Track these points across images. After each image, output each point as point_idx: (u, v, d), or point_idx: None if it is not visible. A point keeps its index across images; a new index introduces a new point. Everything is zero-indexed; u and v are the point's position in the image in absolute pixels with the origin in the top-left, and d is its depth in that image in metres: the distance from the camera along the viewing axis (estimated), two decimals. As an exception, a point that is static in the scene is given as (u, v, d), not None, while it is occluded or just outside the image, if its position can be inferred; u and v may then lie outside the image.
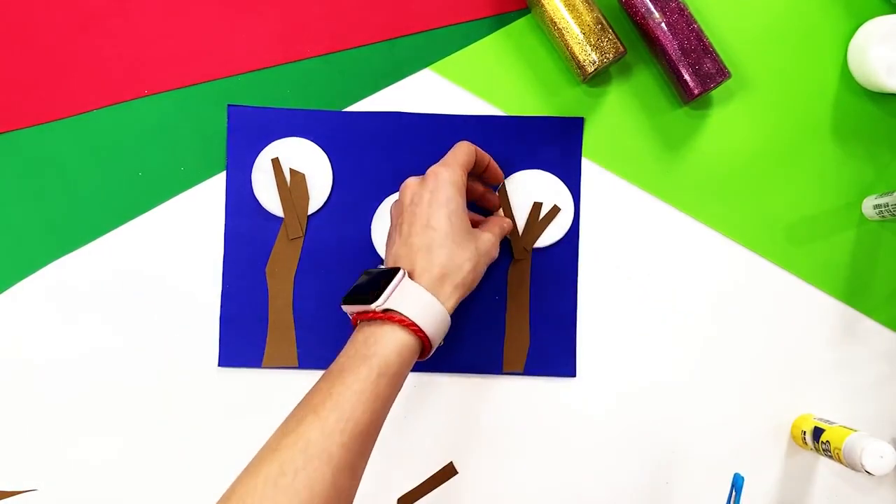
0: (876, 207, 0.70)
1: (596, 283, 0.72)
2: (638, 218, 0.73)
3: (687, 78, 0.68)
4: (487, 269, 0.71)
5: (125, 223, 0.72)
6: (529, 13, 0.72)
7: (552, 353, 0.72)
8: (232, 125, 0.72)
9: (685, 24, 0.68)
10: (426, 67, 0.72)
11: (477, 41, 0.73)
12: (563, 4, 0.68)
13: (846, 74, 0.72)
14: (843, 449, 0.65)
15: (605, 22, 0.68)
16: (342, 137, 0.72)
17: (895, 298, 0.72)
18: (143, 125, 0.72)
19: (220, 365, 0.71)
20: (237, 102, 0.72)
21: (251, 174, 0.71)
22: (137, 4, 0.72)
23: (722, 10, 0.72)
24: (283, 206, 0.71)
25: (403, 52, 0.72)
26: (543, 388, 0.72)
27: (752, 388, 0.72)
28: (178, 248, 0.72)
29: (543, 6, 0.68)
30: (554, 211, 0.72)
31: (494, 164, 0.68)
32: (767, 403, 0.72)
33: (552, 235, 0.72)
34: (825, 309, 0.73)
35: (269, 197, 0.71)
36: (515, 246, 0.72)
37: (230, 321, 0.71)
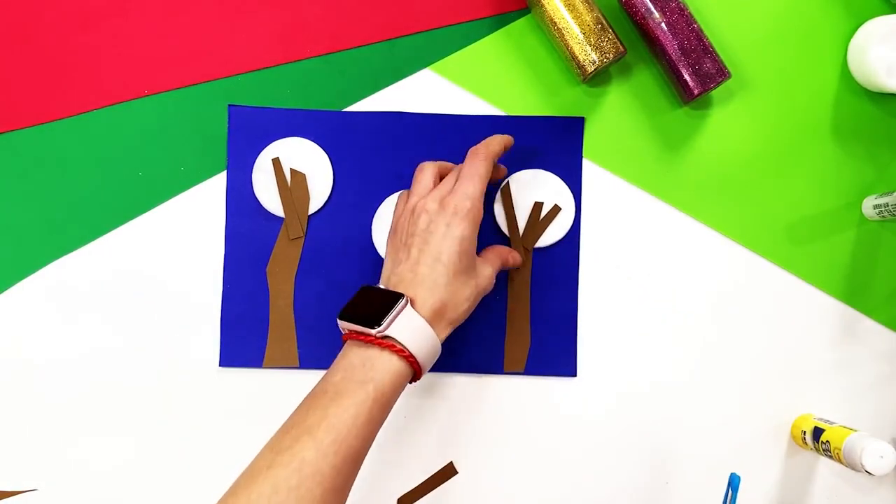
0: (876, 207, 0.70)
1: (596, 282, 0.72)
2: (638, 218, 0.73)
3: (687, 78, 0.69)
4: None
5: (125, 223, 0.72)
6: (529, 13, 0.72)
7: (553, 352, 0.72)
8: (232, 125, 0.72)
9: (685, 24, 0.68)
10: (426, 67, 0.72)
11: (477, 41, 0.73)
12: (563, 4, 0.68)
13: (846, 74, 0.73)
14: (843, 449, 0.65)
15: (605, 22, 0.68)
16: (342, 137, 0.72)
17: (895, 298, 0.72)
18: (143, 125, 0.72)
19: (220, 365, 0.71)
20: (237, 102, 0.72)
21: (252, 174, 0.71)
22: (137, 4, 0.72)
23: (722, 10, 0.72)
24: (283, 206, 0.71)
25: (403, 52, 0.72)
26: (544, 387, 0.72)
27: (752, 388, 0.72)
28: (178, 248, 0.72)
29: (543, 6, 0.68)
30: (554, 211, 0.72)
31: (499, 167, 0.70)
32: (767, 403, 0.72)
33: (553, 235, 0.72)
34: (825, 309, 0.73)
35: (269, 197, 0.71)
36: (516, 246, 0.72)
37: (231, 321, 0.71)
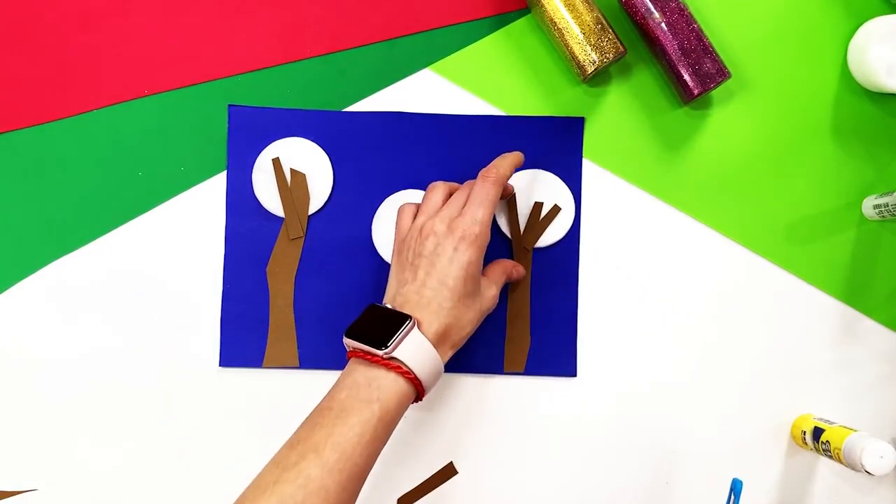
0: (876, 207, 0.70)
1: (596, 282, 0.72)
2: (638, 218, 0.73)
3: (687, 78, 0.69)
4: (488, 269, 0.72)
5: (125, 223, 0.72)
6: (529, 13, 0.72)
7: (553, 352, 0.72)
8: (232, 125, 0.72)
9: (685, 24, 0.68)
10: (426, 67, 0.72)
11: (477, 41, 0.73)
12: (563, 4, 0.68)
13: (846, 74, 0.72)
14: (843, 449, 0.65)
15: (605, 22, 0.68)
16: (342, 137, 0.72)
17: (895, 298, 0.72)
18: (143, 125, 0.72)
19: (220, 365, 0.71)
20: (237, 102, 0.72)
21: (252, 174, 0.71)
22: (137, 4, 0.72)
23: (722, 10, 0.72)
24: (283, 206, 0.71)
25: (403, 52, 0.72)
26: (544, 388, 0.72)
27: (752, 388, 0.72)
28: (178, 248, 0.72)
29: (543, 6, 0.68)
30: (554, 211, 0.72)
31: (506, 186, 0.69)
32: (767, 403, 0.72)
33: (553, 235, 0.72)
34: (825, 309, 0.73)
35: (269, 197, 0.71)
36: (516, 246, 0.72)
37: (231, 321, 0.71)
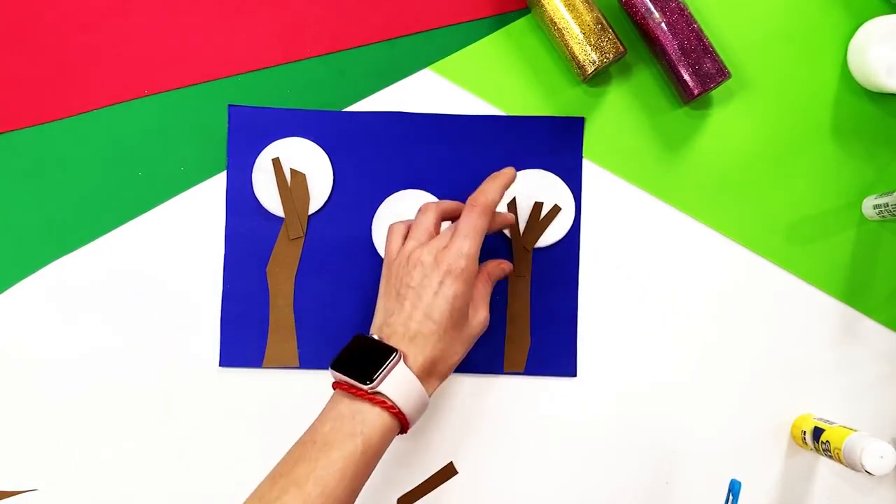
0: (876, 207, 0.70)
1: (596, 282, 0.72)
2: (638, 218, 0.73)
3: (687, 78, 0.69)
4: (488, 269, 0.72)
5: (125, 223, 0.72)
6: (529, 13, 0.72)
7: (553, 352, 0.72)
8: (232, 125, 0.72)
9: (685, 24, 0.68)
10: (426, 67, 0.72)
11: (477, 41, 0.73)
12: (563, 4, 0.68)
13: (846, 74, 0.72)
14: (843, 449, 0.65)
15: (605, 22, 0.68)
16: (342, 137, 0.72)
17: (895, 298, 0.72)
18: (143, 125, 0.72)
19: (220, 365, 0.71)
20: (237, 102, 0.72)
21: (252, 174, 0.71)
22: (137, 4, 0.72)
23: (722, 10, 0.72)
24: (283, 206, 0.71)
25: (403, 52, 0.72)
26: (544, 388, 0.72)
27: (752, 388, 0.72)
28: (178, 248, 0.72)
29: (543, 6, 0.68)
30: (554, 211, 0.72)
31: (504, 216, 0.67)
32: (767, 403, 0.72)
33: (553, 235, 0.72)
34: (825, 309, 0.73)
35: (269, 197, 0.71)
36: (516, 246, 0.72)
37: (231, 321, 0.71)
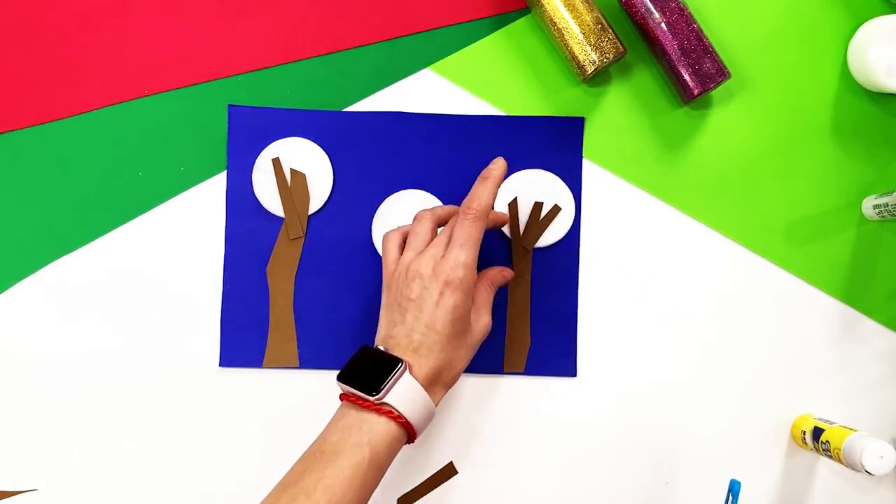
0: (876, 207, 0.70)
1: (596, 283, 0.72)
2: (638, 218, 0.73)
3: (687, 78, 0.69)
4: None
5: (125, 223, 0.72)
6: (529, 13, 0.72)
7: (553, 353, 0.72)
8: (232, 125, 0.72)
9: (685, 24, 0.68)
10: (426, 67, 0.72)
11: (477, 41, 0.73)
12: (563, 4, 0.68)
13: (846, 74, 0.72)
14: (843, 449, 0.65)
15: (605, 22, 0.68)
16: (342, 137, 0.72)
17: (895, 298, 0.72)
18: (143, 125, 0.72)
19: (220, 365, 0.71)
20: (237, 102, 0.72)
21: (252, 174, 0.71)
22: (137, 4, 0.72)
23: (722, 10, 0.72)
24: (283, 206, 0.71)
25: (403, 52, 0.72)
26: (544, 388, 0.72)
27: (752, 388, 0.72)
28: (178, 248, 0.72)
29: (543, 6, 0.68)
30: (554, 211, 0.72)
31: (499, 215, 0.70)
32: (767, 403, 0.72)
33: (553, 235, 0.72)
34: (825, 309, 0.73)
35: (269, 197, 0.71)
36: (516, 246, 0.72)
37: (231, 321, 0.71)
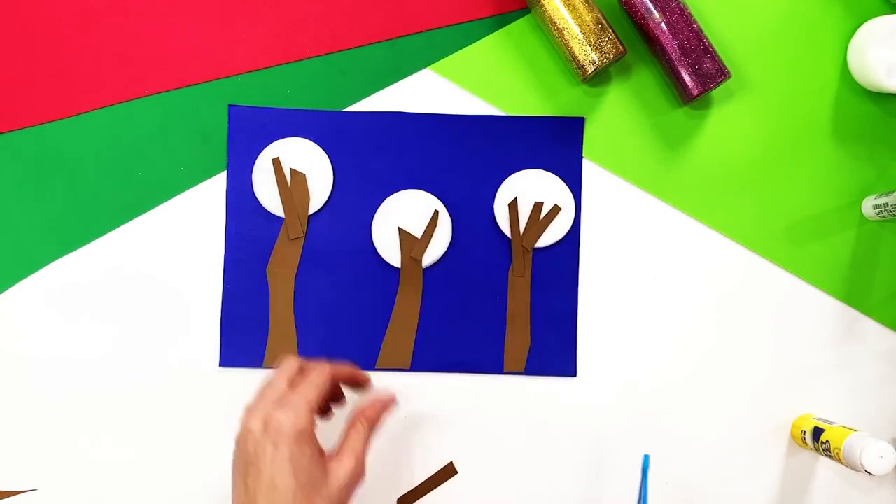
0: (876, 207, 0.70)
1: (596, 282, 0.72)
2: (638, 218, 0.73)
3: (686, 78, 0.69)
4: (487, 268, 0.72)
5: (125, 223, 0.72)
6: (529, 13, 0.72)
7: (553, 352, 0.72)
8: (232, 125, 0.72)
9: (685, 24, 0.68)
10: (426, 67, 0.72)
11: (477, 41, 0.73)
12: (563, 4, 0.68)
13: (846, 74, 0.73)
14: (843, 449, 0.65)
15: (605, 22, 0.68)
16: (342, 137, 0.72)
17: (895, 298, 0.72)
18: (143, 125, 0.72)
19: (221, 365, 0.71)
20: (237, 102, 0.72)
21: (252, 174, 0.71)
22: (137, 4, 0.72)
23: (722, 10, 0.72)
24: (283, 206, 0.71)
25: (403, 52, 0.72)
26: (544, 387, 0.72)
27: (751, 388, 0.72)
28: (178, 248, 0.72)
29: (543, 6, 0.68)
30: (554, 211, 0.72)
31: (358, 373, 0.64)
32: (767, 403, 0.72)
33: (553, 235, 0.72)
34: (825, 309, 0.73)
35: (269, 197, 0.72)
36: (515, 246, 0.72)
37: (231, 321, 0.71)
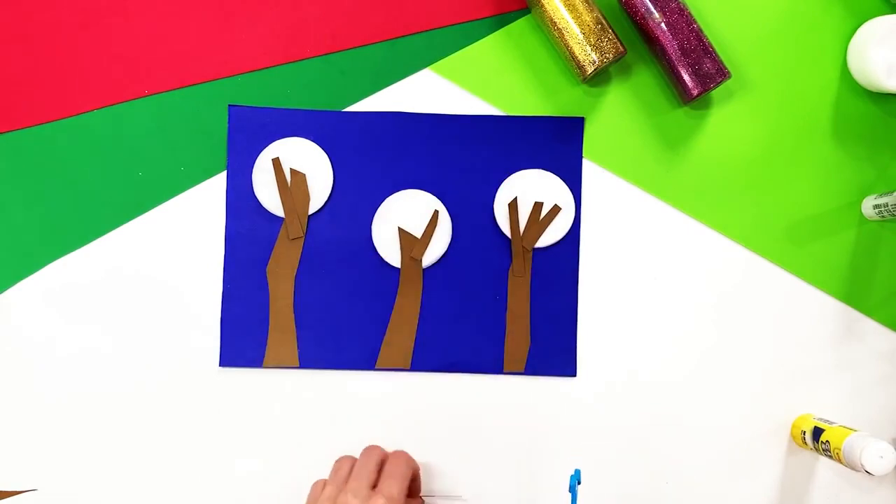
0: (876, 207, 0.70)
1: (596, 282, 0.72)
2: (638, 218, 0.73)
3: (686, 78, 0.69)
4: (487, 268, 0.72)
5: (125, 223, 0.72)
6: (529, 13, 0.72)
7: (553, 352, 0.72)
8: (232, 125, 0.72)
9: (685, 24, 0.68)
10: (426, 67, 0.72)
11: (477, 41, 0.73)
12: (563, 4, 0.68)
13: (846, 74, 0.73)
14: (843, 449, 0.65)
15: (605, 22, 0.68)
16: (342, 137, 0.72)
17: (895, 298, 0.72)
18: (143, 125, 0.72)
19: (221, 365, 0.71)
20: (237, 102, 0.72)
21: (252, 174, 0.71)
22: (137, 4, 0.72)
23: (722, 10, 0.72)
24: (283, 206, 0.71)
25: (403, 52, 0.72)
26: (544, 388, 0.72)
27: (752, 387, 0.72)
28: (178, 248, 0.72)
29: (543, 6, 0.68)
30: (554, 211, 0.72)
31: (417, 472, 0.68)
32: (767, 403, 0.72)
33: (553, 235, 0.72)
34: (825, 309, 0.73)
35: (269, 197, 0.72)
36: (515, 246, 0.72)
37: (231, 321, 0.71)
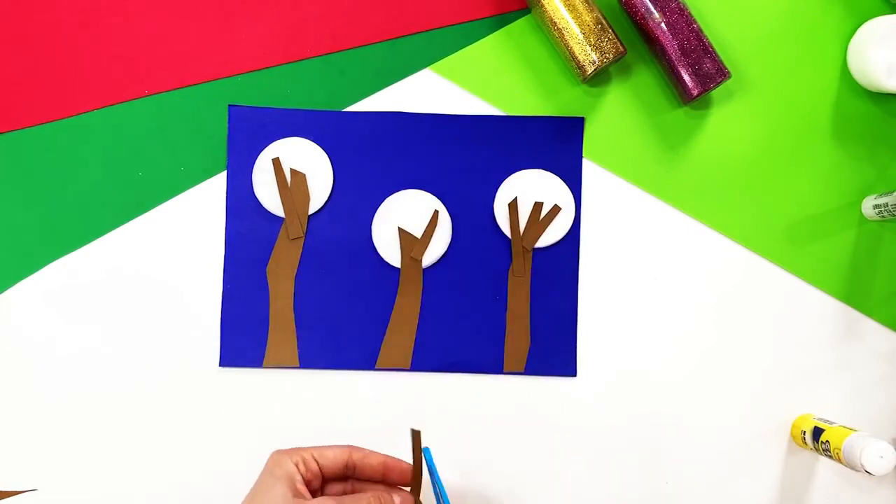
0: (876, 207, 0.70)
1: (596, 282, 0.72)
2: (638, 218, 0.73)
3: (686, 78, 0.69)
4: (487, 268, 0.72)
5: (125, 223, 0.72)
6: (529, 13, 0.72)
7: (553, 352, 0.72)
8: (232, 125, 0.72)
9: (685, 24, 0.68)
10: (426, 67, 0.72)
11: (477, 41, 0.73)
12: (563, 4, 0.68)
13: (846, 74, 0.73)
14: (843, 449, 0.65)
15: (605, 22, 0.68)
16: (342, 137, 0.72)
17: (895, 298, 0.72)
18: (143, 125, 0.72)
19: (221, 365, 0.71)
20: (237, 102, 0.72)
21: (252, 174, 0.71)
22: (137, 4, 0.72)
23: (722, 10, 0.72)
24: (283, 206, 0.71)
25: (403, 52, 0.72)
26: (544, 388, 0.72)
27: (751, 387, 0.72)
28: (178, 248, 0.72)
29: (543, 6, 0.68)
30: (554, 211, 0.72)
31: (391, 460, 0.60)
32: (767, 403, 0.72)
33: (553, 235, 0.72)
34: (825, 309, 0.73)
35: (269, 197, 0.72)
36: (515, 246, 0.72)
37: (231, 321, 0.71)
